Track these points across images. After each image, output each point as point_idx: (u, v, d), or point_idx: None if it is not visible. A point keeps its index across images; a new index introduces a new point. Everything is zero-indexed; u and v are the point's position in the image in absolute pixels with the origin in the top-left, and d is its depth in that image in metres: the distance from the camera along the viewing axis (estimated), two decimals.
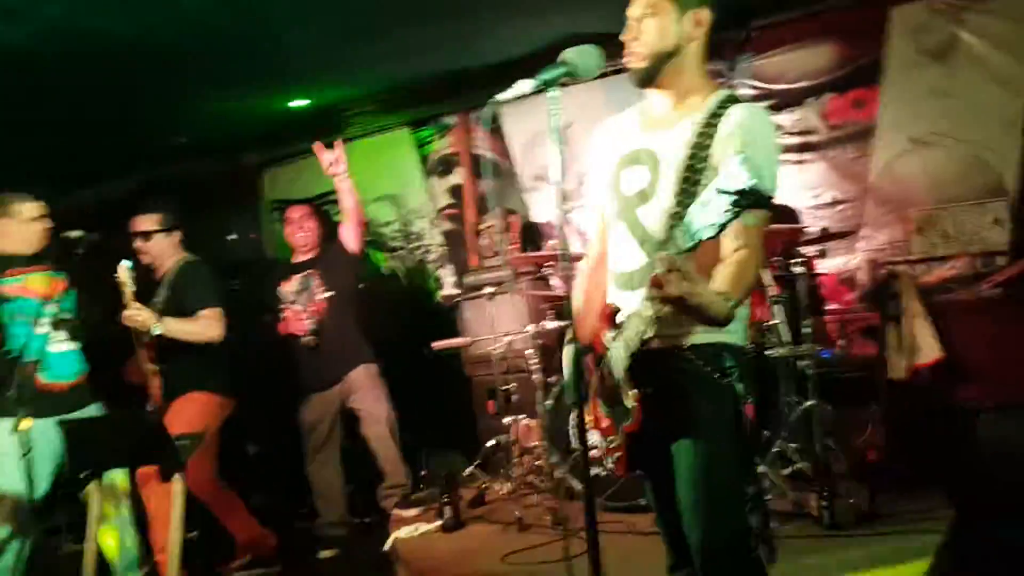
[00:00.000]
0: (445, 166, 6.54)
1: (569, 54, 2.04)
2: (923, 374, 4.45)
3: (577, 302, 2.30)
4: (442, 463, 5.60)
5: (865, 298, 4.88)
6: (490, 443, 4.92)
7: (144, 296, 3.88)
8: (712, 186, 1.57)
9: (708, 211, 1.58)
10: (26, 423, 3.38)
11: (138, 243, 4.10)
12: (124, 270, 3.65)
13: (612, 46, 2.15)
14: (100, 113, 5.53)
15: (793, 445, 3.90)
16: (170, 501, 3.28)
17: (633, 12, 2.09)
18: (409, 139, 6.61)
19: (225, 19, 4.38)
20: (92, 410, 3.75)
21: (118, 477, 3.67)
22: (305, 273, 4.76)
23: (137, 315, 3.67)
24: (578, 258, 2.46)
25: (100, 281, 3.75)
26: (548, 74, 2.02)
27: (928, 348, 4.40)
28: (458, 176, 6.48)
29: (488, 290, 5.02)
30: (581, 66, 2.04)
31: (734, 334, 2.01)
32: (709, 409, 1.98)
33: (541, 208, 6.10)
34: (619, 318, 2.03)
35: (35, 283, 3.70)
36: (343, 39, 4.95)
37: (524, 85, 2.05)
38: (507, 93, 2.07)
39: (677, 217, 1.97)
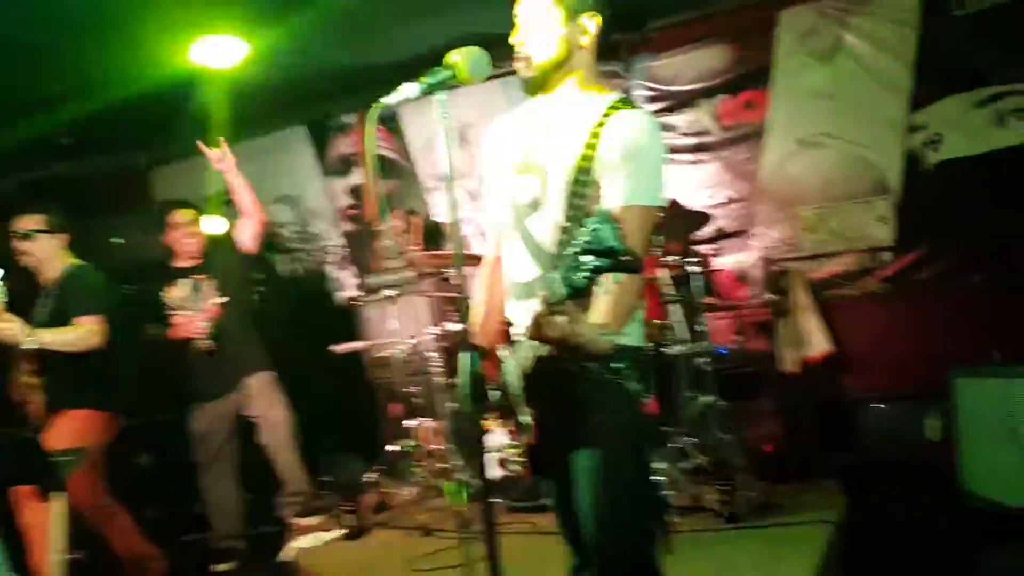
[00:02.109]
0: (345, 165, 6.43)
1: (453, 56, 1.99)
2: (814, 367, 4.61)
3: (476, 306, 2.27)
4: (343, 469, 5.51)
5: (758, 294, 5.01)
6: (392, 447, 4.85)
7: (28, 305, 3.69)
8: (582, 240, 1.57)
9: (579, 264, 1.58)
10: None
11: (18, 243, 3.84)
12: None
13: (509, 46, 2.12)
14: None
15: (691, 440, 3.97)
16: (48, 522, 3.12)
17: (520, 13, 2.06)
18: (306, 138, 6.47)
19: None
20: None
21: None
22: (194, 277, 4.54)
23: (6, 328, 3.47)
24: (476, 260, 2.43)
25: None
26: (432, 77, 1.97)
27: (818, 342, 4.57)
28: (358, 176, 6.38)
29: (390, 292, 4.95)
30: (466, 69, 1.99)
31: (628, 335, 2.01)
32: (603, 412, 1.97)
33: (442, 208, 6.05)
34: (512, 332, 2.01)
35: None
36: (238, 33, 4.80)
37: (409, 89, 1.99)
38: (392, 97, 2.01)
39: (566, 232, 1.96)
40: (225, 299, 4.50)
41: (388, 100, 2.02)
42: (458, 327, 4.75)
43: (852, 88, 4.87)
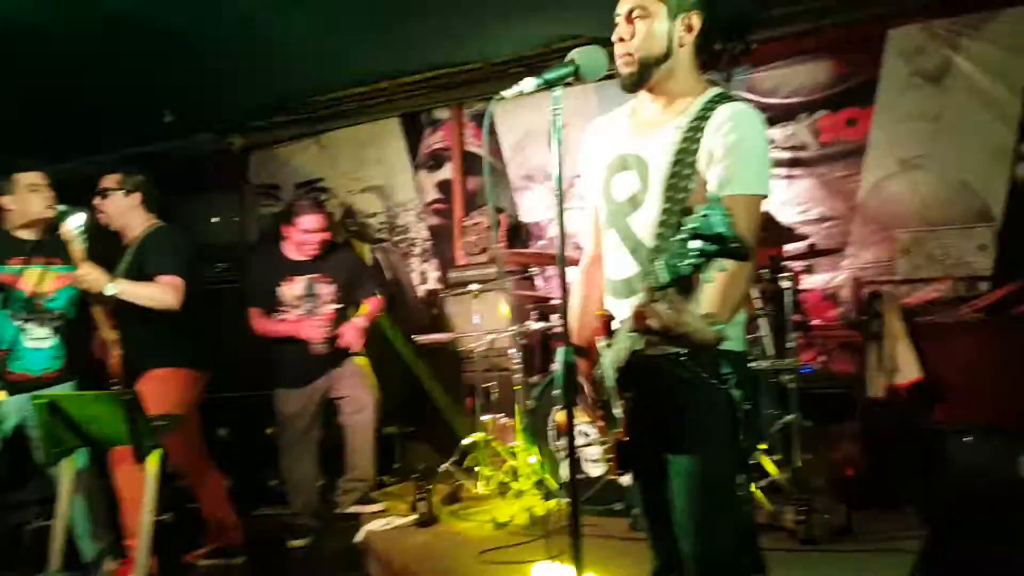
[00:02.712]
0: (435, 160, 6.51)
1: (576, 54, 2.01)
2: (901, 394, 4.49)
3: (574, 304, 2.28)
4: (415, 457, 5.59)
5: (848, 316, 4.91)
6: (467, 440, 4.90)
7: (112, 264, 3.81)
8: (689, 224, 1.55)
9: (686, 249, 1.56)
10: (1, 395, 3.36)
11: (96, 201, 3.92)
12: (68, 227, 3.52)
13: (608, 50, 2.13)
14: (91, 86, 5.45)
15: (772, 457, 3.91)
16: (143, 483, 3.24)
17: (621, 11, 2.06)
18: (399, 131, 6.58)
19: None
20: (64, 388, 3.74)
21: (83, 455, 3.63)
22: (309, 277, 4.61)
23: (87, 274, 3.53)
24: (574, 262, 2.44)
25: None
26: (553, 73, 1.99)
27: (907, 368, 4.45)
28: (447, 171, 6.45)
29: (473, 287, 5.01)
30: (587, 67, 2.01)
31: (732, 340, 1.99)
32: (705, 416, 1.96)
33: (529, 208, 6.08)
34: (613, 326, 2.02)
35: (31, 277, 3.67)
36: (341, 28, 4.91)
37: (527, 83, 2.01)
38: (510, 91, 2.03)
39: (665, 226, 1.96)
40: (340, 307, 4.62)
41: (506, 93, 2.05)
42: (538, 326, 4.78)
43: (959, 112, 4.73)
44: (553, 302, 5.13)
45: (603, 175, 2.14)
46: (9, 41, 4.58)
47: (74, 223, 3.51)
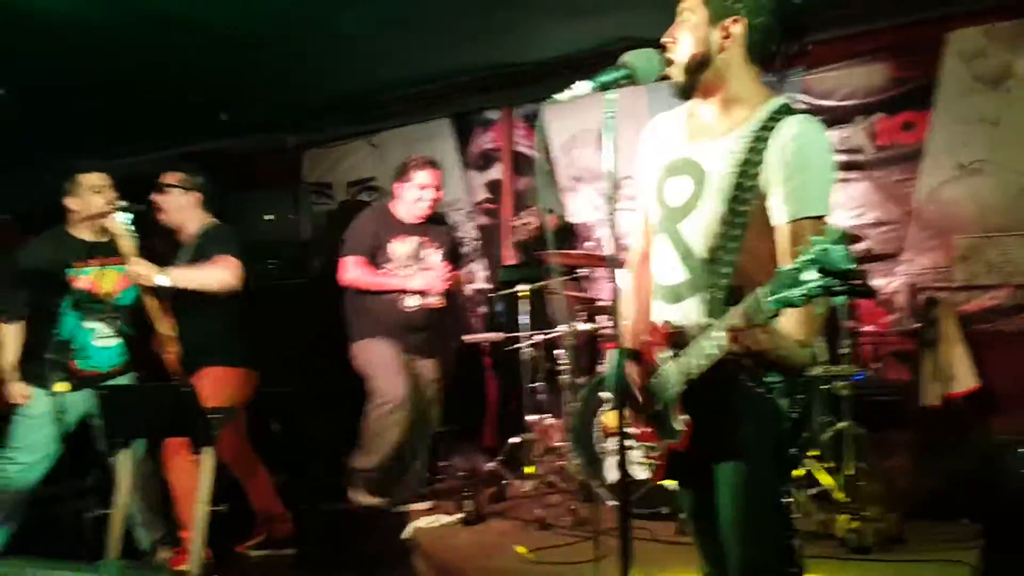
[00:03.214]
0: (485, 160, 6.54)
1: (630, 57, 1.99)
2: (957, 403, 4.41)
3: (627, 307, 2.26)
4: (461, 456, 5.62)
5: (903, 322, 4.83)
6: (514, 440, 4.91)
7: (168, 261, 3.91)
8: (806, 256, 1.53)
9: (797, 280, 1.54)
10: (63, 386, 3.46)
11: (155, 196, 4.02)
12: (116, 220, 3.60)
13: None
14: (148, 84, 5.58)
15: (822, 465, 3.86)
16: (197, 475, 3.31)
17: (677, 11, 2.04)
18: (449, 131, 6.62)
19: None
20: (123, 380, 3.85)
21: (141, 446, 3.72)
22: (419, 239, 4.64)
23: (139, 268, 3.60)
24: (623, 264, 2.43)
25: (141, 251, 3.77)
26: (607, 76, 1.97)
27: (964, 377, 4.37)
28: (497, 171, 6.48)
29: (520, 288, 5.02)
30: (641, 70, 1.99)
31: None
32: (752, 426, 1.94)
33: (577, 208, 6.08)
34: (677, 337, 1.99)
35: (104, 280, 3.77)
36: (394, 28, 4.96)
37: (582, 86, 1.99)
38: (564, 93, 2.02)
39: (721, 236, 1.94)
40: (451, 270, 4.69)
41: (560, 96, 2.04)
42: (586, 327, 4.77)
43: (1019, 116, 4.63)
44: (600, 303, 5.12)
45: (657, 177, 2.11)
46: (69, 39, 4.70)
47: (122, 218, 3.58)
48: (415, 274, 4.56)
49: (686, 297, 2.01)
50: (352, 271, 4.52)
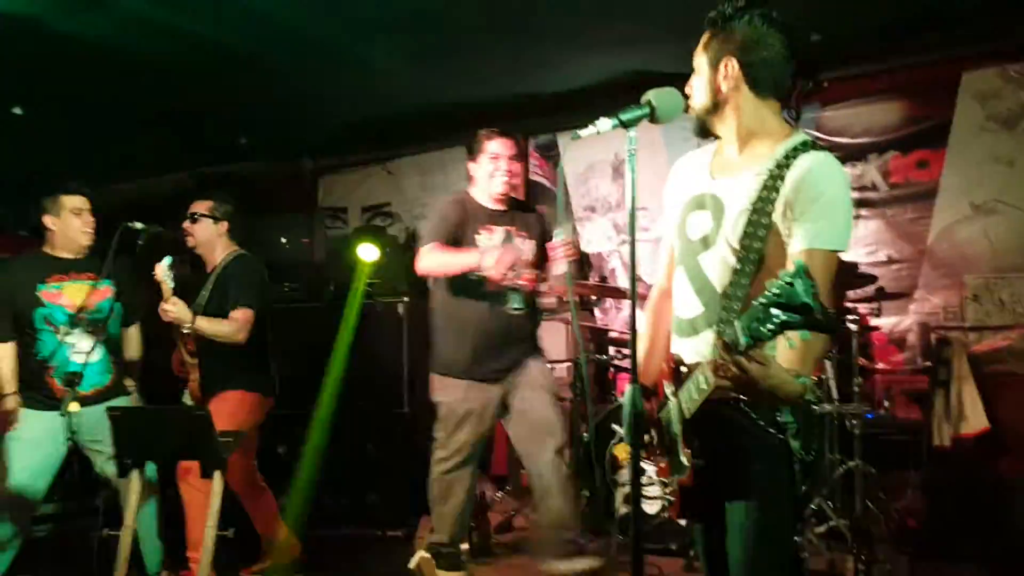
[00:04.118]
0: None
1: (653, 95, 2.02)
2: (967, 443, 4.38)
3: (642, 342, 2.27)
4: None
5: (914, 361, 4.82)
6: (522, 469, 4.90)
7: (194, 287, 3.97)
8: (771, 290, 1.54)
9: (768, 315, 1.55)
10: (74, 406, 3.47)
11: (186, 224, 4.09)
12: (162, 268, 3.65)
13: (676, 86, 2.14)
14: (170, 109, 5.66)
15: (831, 503, 3.85)
16: (208, 497, 3.32)
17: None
18: (465, 158, 6.65)
19: (300, 27, 4.50)
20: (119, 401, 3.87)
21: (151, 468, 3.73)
22: (506, 227, 3.82)
23: (172, 311, 3.69)
24: (620, 293, 2.44)
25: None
26: (628, 114, 2.00)
27: (975, 418, 4.34)
28: None
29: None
30: (663, 109, 2.02)
31: None
32: (763, 467, 1.93)
33: (590, 238, 6.11)
34: (680, 371, 2.01)
35: (72, 292, 3.80)
36: (411, 57, 5.03)
37: (603, 124, 2.02)
38: (587, 130, 2.06)
39: (736, 272, 1.95)
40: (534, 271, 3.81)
41: (582, 133, 2.07)
42: (599, 357, 4.78)
43: None
44: (613, 334, 5.13)
45: (680, 211, 2.15)
46: (94, 64, 4.79)
47: (165, 264, 3.66)
48: (501, 248, 3.69)
49: (701, 330, 2.02)
50: (427, 256, 3.69)
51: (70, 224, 3.84)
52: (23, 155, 6.58)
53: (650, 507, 2.13)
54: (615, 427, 3.95)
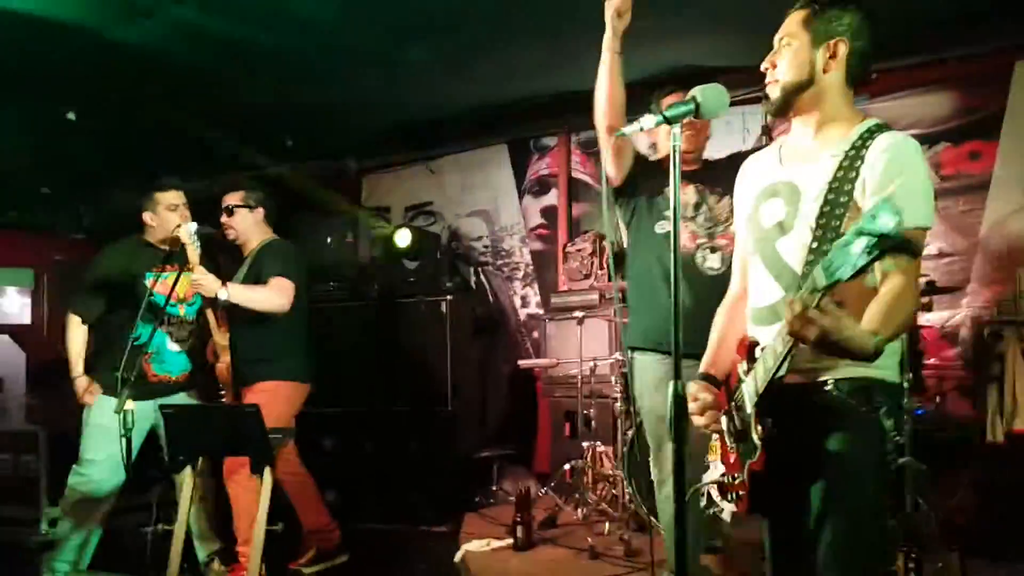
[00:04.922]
0: (541, 186, 6.59)
1: (698, 92, 2.02)
2: (1021, 440, 4.28)
3: (712, 337, 2.26)
4: (511, 480, 5.63)
5: (967, 356, 4.72)
6: (566, 466, 4.91)
7: (231, 274, 4.02)
8: (854, 227, 1.53)
9: (847, 252, 1.53)
10: (129, 404, 3.54)
11: (223, 219, 4.14)
12: (185, 231, 3.68)
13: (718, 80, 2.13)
14: (220, 112, 5.76)
15: None
16: (256, 493, 3.37)
17: (778, 36, 2.09)
18: (506, 157, 6.68)
19: (341, 30, 4.55)
20: (183, 397, 3.96)
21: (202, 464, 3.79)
22: (696, 185, 3.30)
23: (203, 279, 3.69)
24: None
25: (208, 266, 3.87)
26: (675, 111, 2.00)
27: None
28: (552, 197, 6.52)
29: (577, 313, 5.03)
30: (707, 105, 2.02)
31: (886, 369, 1.94)
32: (855, 446, 1.90)
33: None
34: (756, 352, 1.99)
35: (180, 285, 3.83)
36: (453, 57, 5.05)
37: (648, 120, 2.04)
38: (631, 127, 2.07)
39: (816, 252, 1.93)
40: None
41: (627, 130, 2.09)
42: None
43: None
44: None
45: (751, 204, 2.15)
46: (145, 70, 4.89)
47: (190, 228, 3.70)
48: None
49: (783, 316, 2.00)
50: None
51: (167, 219, 3.90)
52: (73, 160, 6.75)
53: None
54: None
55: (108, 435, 3.62)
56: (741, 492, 2.02)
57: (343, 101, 5.84)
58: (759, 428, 1.93)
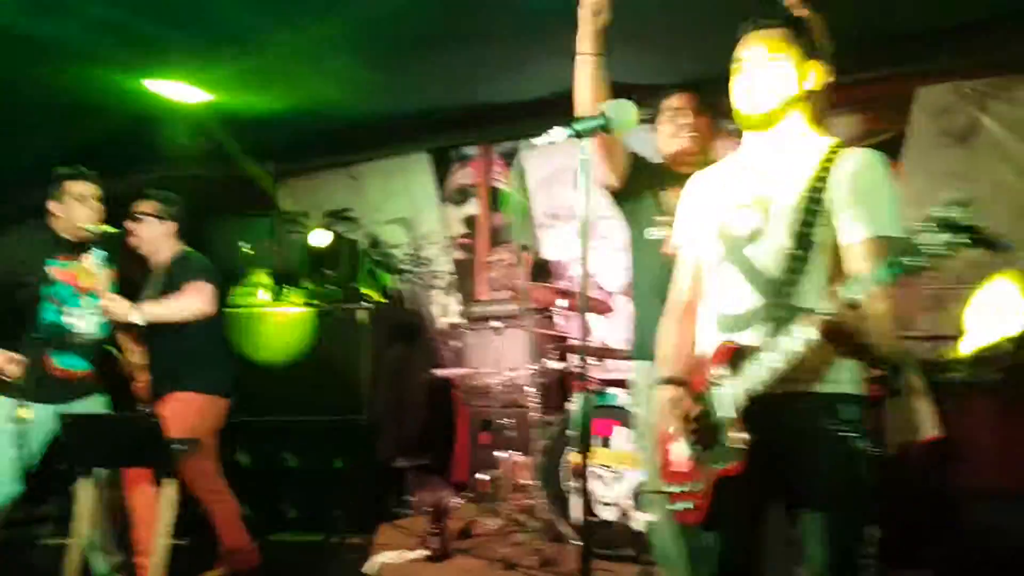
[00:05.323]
0: (462, 196, 6.59)
1: (607, 107, 2.08)
2: (917, 452, 4.44)
3: (668, 344, 2.29)
4: (428, 490, 5.60)
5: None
6: (481, 476, 4.90)
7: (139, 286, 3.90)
8: (934, 215, 1.66)
9: (915, 247, 1.67)
10: (26, 412, 3.39)
11: (129, 224, 4.00)
12: (89, 259, 3.58)
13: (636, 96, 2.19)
14: (131, 110, 5.60)
15: None
16: (157, 505, 3.27)
17: (744, 55, 2.14)
18: (428, 166, 6.66)
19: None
20: (97, 400, 3.79)
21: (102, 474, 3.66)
22: None
23: (111, 305, 3.59)
24: (597, 303, 2.46)
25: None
26: (583, 125, 2.06)
27: (925, 427, 4.41)
28: (473, 206, 6.53)
29: (495, 323, 5.04)
30: (617, 121, 2.08)
31: (850, 384, 2.02)
32: (839, 472, 1.96)
33: (552, 246, 6.13)
34: (748, 358, 2.01)
35: (84, 274, 3.70)
36: (375, 63, 5.02)
37: (558, 133, 2.10)
38: (542, 139, 2.12)
39: (793, 258, 2.00)
40: None
41: (537, 141, 2.12)
42: (557, 364, 4.79)
43: (986, 172, 4.73)
44: (571, 341, 5.15)
45: (714, 217, 2.20)
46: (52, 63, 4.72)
47: (96, 256, 3.57)
48: None
49: (754, 321, 2.05)
50: None
51: (74, 210, 3.72)
52: None
53: (606, 512, 2.14)
54: (571, 433, 3.97)
55: (2, 440, 3.48)
56: (698, 501, 2.02)
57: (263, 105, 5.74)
58: (739, 436, 1.95)
